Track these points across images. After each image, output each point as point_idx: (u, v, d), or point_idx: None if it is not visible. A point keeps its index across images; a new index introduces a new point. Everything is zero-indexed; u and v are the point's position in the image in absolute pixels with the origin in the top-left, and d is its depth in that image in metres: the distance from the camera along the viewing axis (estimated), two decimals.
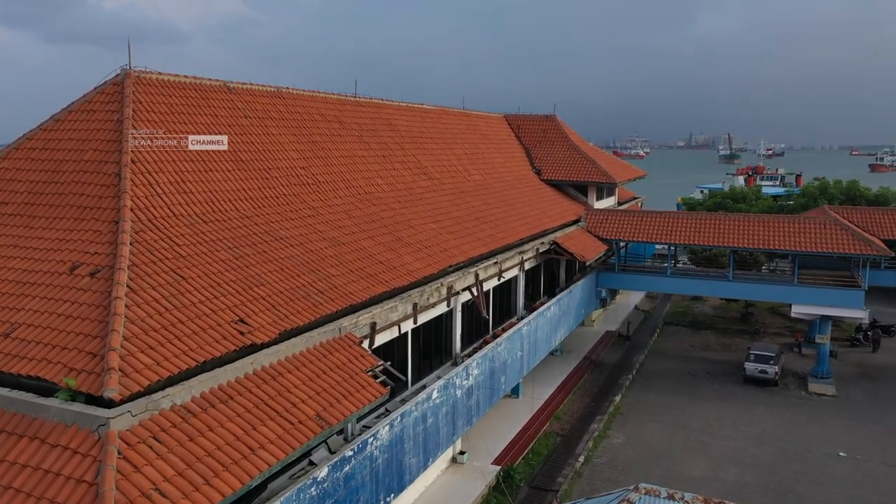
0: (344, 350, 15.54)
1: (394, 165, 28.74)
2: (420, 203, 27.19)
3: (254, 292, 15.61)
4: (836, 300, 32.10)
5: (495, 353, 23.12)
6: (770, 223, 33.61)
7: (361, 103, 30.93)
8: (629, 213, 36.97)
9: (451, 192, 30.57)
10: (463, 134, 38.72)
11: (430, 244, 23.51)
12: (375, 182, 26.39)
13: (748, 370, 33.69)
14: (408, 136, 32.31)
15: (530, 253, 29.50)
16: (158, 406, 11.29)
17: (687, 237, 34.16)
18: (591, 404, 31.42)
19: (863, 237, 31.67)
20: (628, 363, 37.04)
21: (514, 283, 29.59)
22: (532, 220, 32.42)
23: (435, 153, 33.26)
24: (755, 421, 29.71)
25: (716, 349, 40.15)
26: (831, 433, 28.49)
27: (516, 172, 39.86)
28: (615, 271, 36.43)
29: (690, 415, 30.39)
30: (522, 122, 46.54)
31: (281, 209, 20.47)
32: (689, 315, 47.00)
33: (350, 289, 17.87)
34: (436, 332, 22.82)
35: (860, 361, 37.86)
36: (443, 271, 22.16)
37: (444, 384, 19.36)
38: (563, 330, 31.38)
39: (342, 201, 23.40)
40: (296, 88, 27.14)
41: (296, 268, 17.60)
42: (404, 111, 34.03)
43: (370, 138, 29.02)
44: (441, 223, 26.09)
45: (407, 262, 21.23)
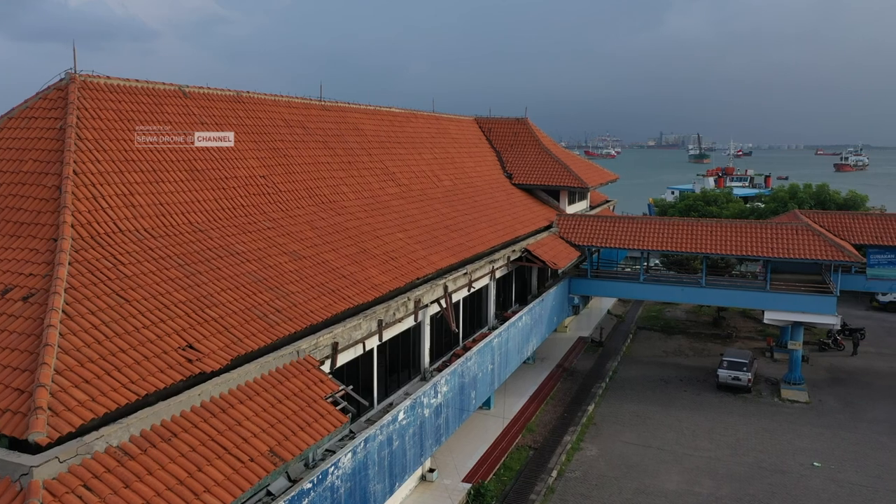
0: (302, 375, 14.62)
1: (360, 172, 27.82)
2: (387, 211, 26.31)
3: (205, 314, 14.62)
4: (808, 306, 31.91)
5: (465, 367, 22.34)
6: (743, 229, 33.32)
7: (327, 107, 29.94)
8: (602, 219, 36.46)
9: (420, 199, 29.72)
10: (433, 138, 37.89)
11: (398, 255, 22.65)
12: (340, 190, 25.44)
13: (721, 377, 33.38)
14: (375, 140, 31.39)
15: (501, 261, 28.79)
16: (91, 449, 10.27)
17: (660, 243, 33.73)
18: (565, 415, 30.80)
19: (834, 243, 31.51)
20: (601, 370, 36.54)
21: (485, 292, 28.85)
22: (503, 227, 31.71)
23: (403, 158, 32.38)
24: (729, 430, 29.34)
25: (688, 354, 39.88)
26: (805, 442, 28.22)
27: (487, 177, 39.14)
28: (588, 277, 35.89)
29: (664, 424, 29.93)
30: (493, 125, 45.86)
31: (238, 221, 19.44)
32: (661, 319, 46.75)
33: (310, 307, 16.94)
34: (403, 347, 21.97)
35: (831, 366, 37.84)
36: (410, 284, 21.31)
37: (411, 404, 18.52)
38: (535, 339, 30.72)
39: (305, 211, 22.43)
40: (257, 93, 26.08)
41: (252, 285, 16.62)
42: (372, 115, 33.10)
43: (336, 144, 28.06)
44: (409, 232, 25.23)
45: (372, 275, 20.34)
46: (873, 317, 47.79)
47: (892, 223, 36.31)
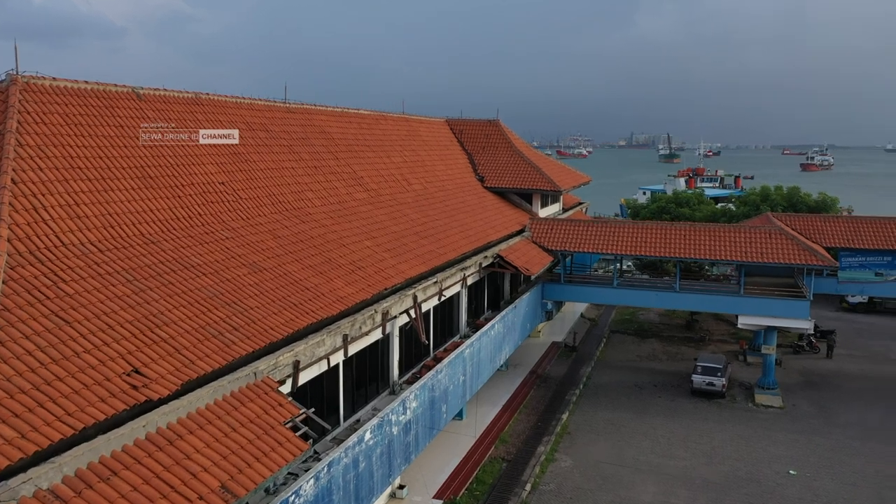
0: (259, 398, 13.69)
1: (326, 177, 26.87)
2: (355, 218, 25.40)
3: (154, 334, 13.61)
4: (782, 311, 31.72)
5: (435, 381, 21.54)
6: (716, 232, 33.03)
7: (292, 110, 28.93)
8: (575, 223, 35.94)
9: (389, 204, 28.86)
10: (403, 140, 37.04)
11: (365, 264, 21.77)
12: (305, 196, 24.48)
13: (696, 382, 33.05)
14: (343, 144, 30.45)
15: (473, 268, 28.05)
16: (17, 494, 9.27)
17: (634, 247, 33.30)
18: (538, 424, 30.16)
19: (807, 247, 31.34)
20: (575, 376, 36.01)
21: (457, 299, 28.08)
22: (475, 233, 30.97)
23: (372, 162, 31.48)
24: (704, 437, 28.95)
25: (662, 359, 39.55)
26: (780, 449, 27.93)
27: (459, 180, 38.40)
28: (561, 283, 35.33)
29: (639, 432, 29.45)
30: (465, 127, 45.13)
31: (194, 232, 18.41)
32: (634, 322, 46.42)
33: (270, 323, 16.01)
34: (371, 360, 21.10)
35: (804, 369, 37.78)
36: (378, 295, 20.45)
37: (378, 423, 17.68)
38: (508, 347, 30.05)
39: (267, 219, 21.44)
40: (217, 94, 25.00)
41: (208, 301, 15.63)
42: (339, 117, 32.13)
43: (301, 148, 27.07)
44: (377, 240, 24.36)
45: (337, 286, 19.44)
46: (843, 318, 48.03)
47: (863, 226, 36.35)
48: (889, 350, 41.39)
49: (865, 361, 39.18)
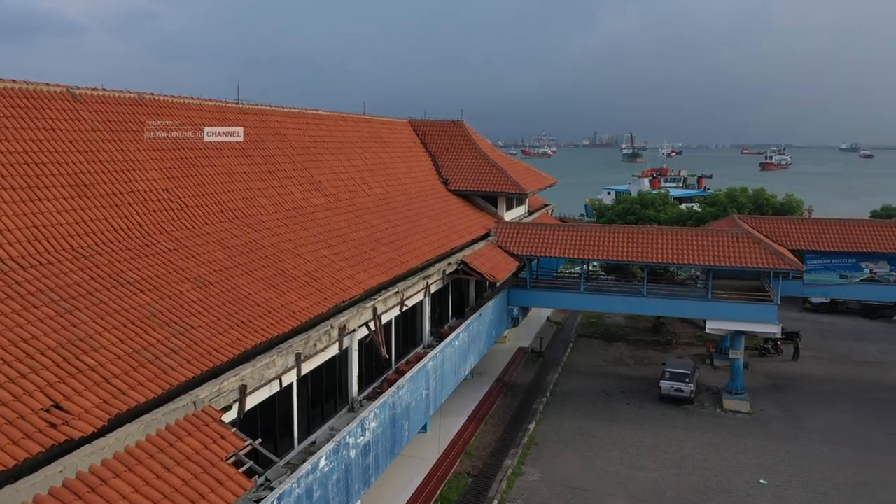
0: (199, 431, 12.45)
1: (281, 182, 25.56)
2: (311, 225, 24.15)
3: (80, 362, 12.28)
4: (749, 315, 31.36)
5: (396, 398, 20.44)
6: (684, 236, 32.52)
7: (245, 111, 27.53)
8: (541, 227, 35.13)
9: (349, 210, 27.66)
10: (364, 142, 35.82)
11: (321, 276, 20.56)
12: (258, 202, 23.16)
13: (664, 388, 32.54)
14: (300, 146, 29.14)
15: (436, 276, 27.00)
16: None
17: (601, 252, 32.61)
18: (505, 435, 29.25)
19: (774, 250, 31.01)
20: (542, 384, 35.23)
21: (419, 308, 27.00)
22: (438, 238, 29.93)
23: (331, 165, 30.23)
24: (673, 446, 28.37)
25: (629, 363, 39.04)
26: (750, 457, 27.46)
27: (422, 183, 37.31)
28: (527, 288, 34.50)
29: (607, 442, 28.76)
30: (429, 128, 44.05)
31: (133, 244, 17.03)
32: (601, 326, 45.90)
33: (215, 344, 14.75)
34: (328, 377, 19.90)
35: (770, 372, 37.60)
36: (335, 309, 19.28)
37: (334, 448, 16.52)
38: (473, 357, 29.08)
39: (215, 228, 20.09)
40: (163, 95, 23.52)
41: (144, 321, 14.30)
42: (296, 118, 30.79)
43: (254, 151, 25.71)
44: (335, 248, 23.16)
45: (291, 300, 18.22)
46: (806, 318, 48.20)
47: (827, 228, 36.28)
48: (851, 351, 41.53)
49: (829, 363, 39.21)
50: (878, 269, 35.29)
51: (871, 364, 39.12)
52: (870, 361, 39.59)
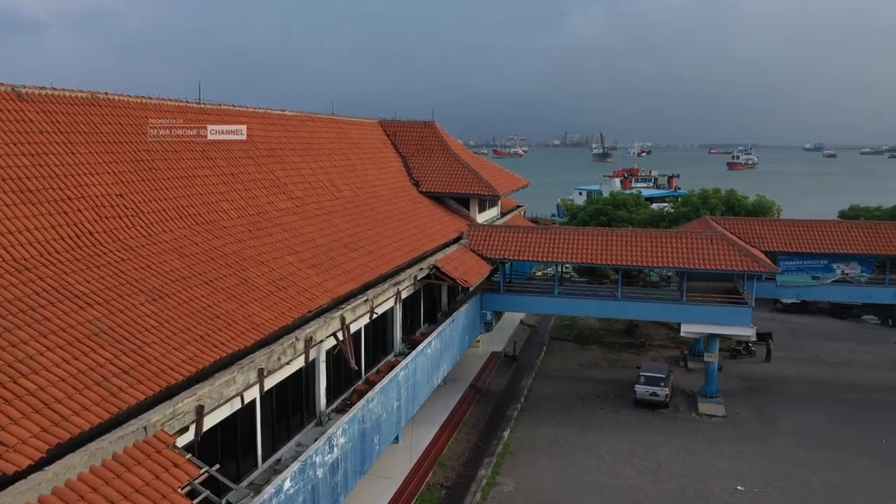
0: (150, 459, 11.51)
1: (245, 185, 24.54)
2: (276, 230, 23.18)
3: (19, 386, 11.27)
4: (724, 318, 31.16)
5: (366, 411, 19.60)
6: (658, 239, 32.16)
7: (207, 111, 26.42)
8: (514, 230, 34.52)
9: (316, 214, 26.72)
10: (332, 143, 34.85)
11: (287, 284, 19.64)
12: (220, 207, 22.13)
13: (639, 393, 32.15)
14: (264, 148, 28.10)
15: (408, 282, 26.20)
16: None
17: (575, 255, 32.11)
18: (479, 444, 28.57)
19: (748, 252, 30.81)
20: (516, 389, 34.64)
21: (390, 315, 26.18)
22: (409, 242, 29.13)
23: (297, 167, 29.23)
24: (649, 452, 27.94)
25: (603, 366, 38.65)
26: (726, 462, 27.14)
27: (392, 185, 36.46)
28: (500, 292, 33.88)
29: (583, 449, 28.24)
30: (399, 129, 43.18)
31: (82, 253, 15.95)
32: (574, 328, 45.48)
33: (169, 361, 13.78)
34: (293, 391, 19.00)
35: (743, 374, 37.47)
36: (301, 320, 18.38)
37: (299, 468, 15.65)
38: (446, 364, 28.34)
39: (173, 235, 19.05)
40: (119, 94, 22.36)
41: (92, 339, 13.29)
42: (261, 119, 29.73)
43: (216, 153, 24.65)
44: (301, 255, 22.23)
45: (253, 311, 17.29)
46: (777, 318, 48.31)
47: (799, 230, 36.26)
48: (822, 351, 41.67)
49: (801, 364, 39.24)
50: (850, 270, 35.37)
51: (841, 364, 39.25)
52: (840, 362, 39.73)
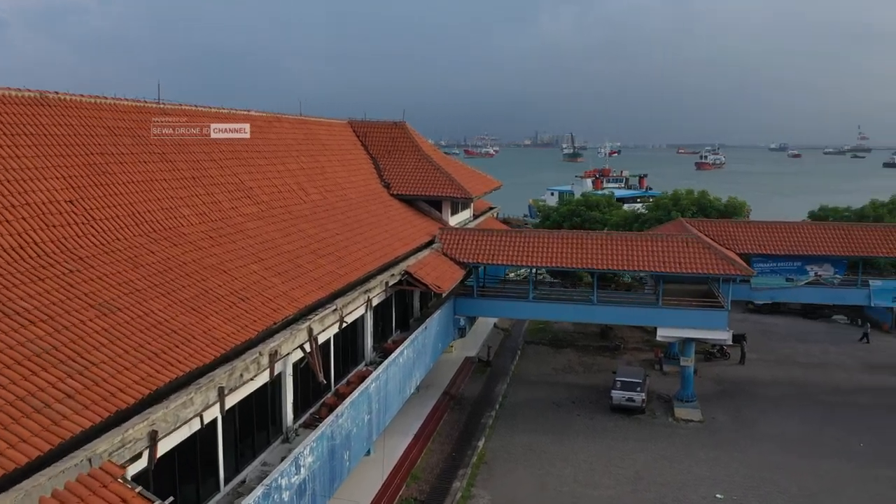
0: (95, 496, 10.47)
1: (207, 189, 23.44)
2: (240, 236, 22.14)
3: None
4: (700, 321, 30.82)
5: (335, 427, 18.69)
6: (633, 242, 31.70)
7: (167, 111, 25.24)
8: (487, 233, 33.79)
9: (283, 219, 25.70)
10: (300, 144, 33.80)
11: (250, 294, 18.64)
12: (180, 213, 21.02)
13: (615, 398, 31.66)
14: (228, 150, 26.99)
15: (378, 289, 25.31)
16: None
17: (549, 259, 31.51)
18: (453, 454, 27.79)
19: (725, 256, 30.50)
20: (490, 395, 33.94)
21: (361, 323, 25.28)
22: (380, 247, 28.23)
23: (263, 170, 28.16)
24: (627, 460, 27.43)
25: (578, 371, 38.15)
26: (704, 469, 26.74)
27: (362, 188, 35.50)
28: (474, 297, 33.15)
29: (559, 457, 27.63)
30: (369, 130, 42.22)
31: (25, 266, 14.81)
32: (548, 332, 44.90)
33: (120, 382, 12.75)
34: (258, 407, 18.02)
35: (718, 377, 37.24)
36: (265, 332, 17.41)
37: (263, 492, 14.71)
38: (418, 373, 27.51)
39: (128, 244, 17.94)
40: (71, 94, 21.13)
41: (34, 359, 12.21)
42: (225, 119, 28.58)
43: (176, 156, 23.51)
44: (266, 262, 21.22)
45: (214, 325, 16.28)
46: (749, 319, 48.30)
47: (773, 231, 36.15)
48: (796, 352, 41.69)
49: (775, 366, 39.17)
50: (823, 272, 35.34)
51: (814, 366, 39.26)
52: (813, 363, 39.75)
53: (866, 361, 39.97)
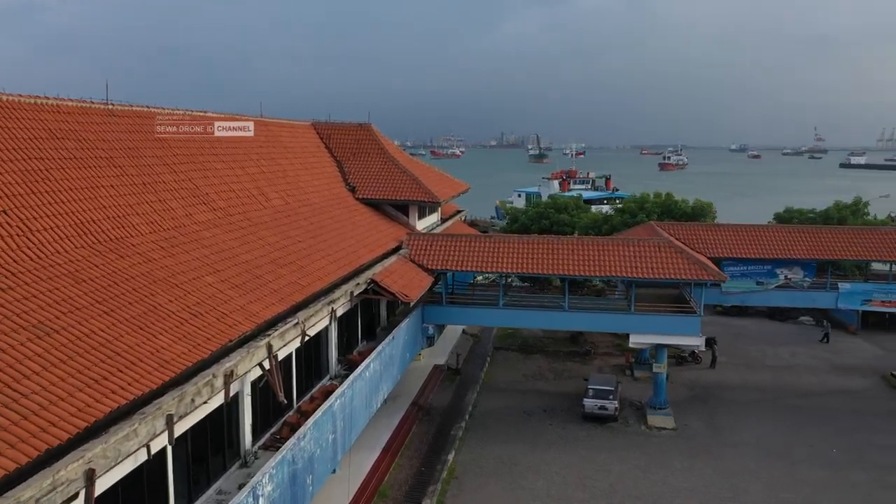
0: None
1: (160, 196, 22.05)
2: (195, 246, 20.82)
3: None
4: (673, 328, 30.32)
5: (297, 451, 17.54)
6: (605, 247, 31.06)
7: (116, 113, 23.78)
8: (456, 239, 32.85)
9: (242, 226, 24.40)
10: (260, 147, 32.45)
11: (204, 309, 17.39)
12: (129, 222, 19.64)
13: (587, 406, 30.99)
14: (184, 153, 25.61)
15: (343, 299, 24.16)
16: None
17: (520, 265, 30.69)
18: (422, 469, 26.79)
19: (697, 261, 30.04)
20: (460, 405, 33.02)
21: (325, 335, 24.11)
22: (345, 255, 27.10)
23: (221, 174, 26.82)
24: (601, 472, 26.72)
25: (549, 378, 37.44)
26: (679, 479, 26.17)
27: (326, 192, 34.27)
28: (443, 304, 32.18)
29: (532, 469, 26.81)
30: (333, 132, 40.98)
31: None
32: (518, 337, 44.14)
33: (53, 415, 11.47)
34: (214, 431, 16.80)
35: (689, 381, 36.85)
36: (220, 351, 16.19)
37: None
38: (386, 386, 26.43)
39: (69, 258, 16.55)
40: (9, 93, 19.61)
41: None
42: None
43: (126, 160, 22.08)
44: (223, 274, 19.95)
45: (163, 345, 15.02)
46: (718, 321, 48.11)
47: (743, 234, 35.90)
48: (765, 355, 41.58)
49: (745, 370, 38.96)
50: (793, 275, 35.18)
51: (784, 368, 39.17)
52: (783, 366, 39.65)
53: (834, 363, 40.02)
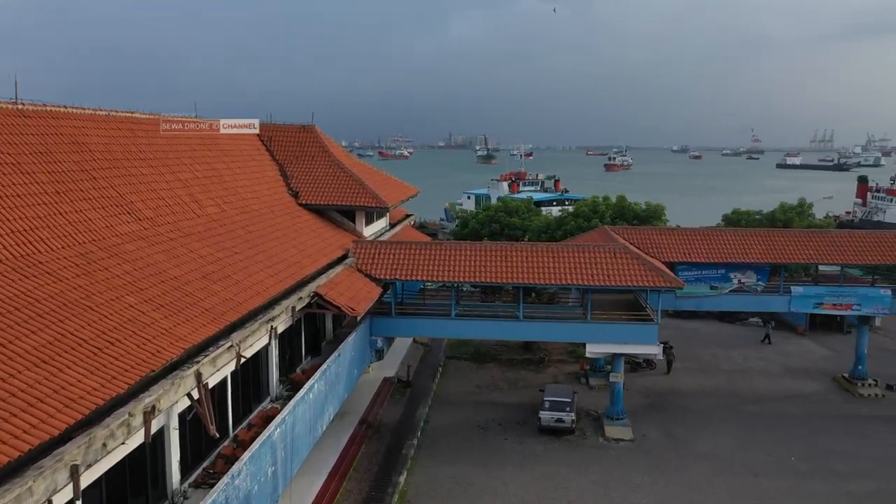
0: None
1: (76, 205, 19.86)
2: (115, 262, 18.73)
3: None
4: (630, 336, 29.44)
5: (230, 491, 15.72)
6: (560, 254, 29.94)
7: (27, 114, 21.43)
8: (405, 246, 31.28)
9: (171, 237, 22.33)
10: (194, 150, 30.26)
11: (122, 336, 15.40)
12: (36, 236, 17.47)
13: (544, 419, 29.90)
14: (106, 158, 23.36)
15: (284, 315, 22.35)
16: None
17: (473, 274, 29.32)
18: (372, 493, 25.17)
19: (653, 267, 29.20)
20: (411, 421, 31.51)
21: (264, 355, 22.28)
22: (287, 266, 25.25)
23: (149, 181, 24.64)
24: (559, 489, 25.62)
25: (503, 388, 36.27)
26: (640, 496, 25.25)
27: (267, 198, 32.26)
28: (392, 315, 30.56)
29: (489, 490, 25.53)
30: (275, 134, 38.83)
31: None
32: (470, 345, 42.80)
33: None
34: (133, 472, 14.88)
35: (645, 388, 36.17)
36: (139, 384, 14.26)
37: None
38: (332, 407, 24.66)
39: None
40: None
41: None
42: (102, 123, 24.92)
43: (38, 166, 19.81)
44: (146, 293, 17.94)
45: (70, 381, 13.05)
46: (670, 324, 47.72)
47: (696, 239, 35.34)
48: (718, 359, 41.37)
49: (701, 374, 38.58)
50: (746, 279, 34.79)
51: (738, 372, 38.93)
52: (736, 369, 39.43)
53: (786, 366, 40.02)
